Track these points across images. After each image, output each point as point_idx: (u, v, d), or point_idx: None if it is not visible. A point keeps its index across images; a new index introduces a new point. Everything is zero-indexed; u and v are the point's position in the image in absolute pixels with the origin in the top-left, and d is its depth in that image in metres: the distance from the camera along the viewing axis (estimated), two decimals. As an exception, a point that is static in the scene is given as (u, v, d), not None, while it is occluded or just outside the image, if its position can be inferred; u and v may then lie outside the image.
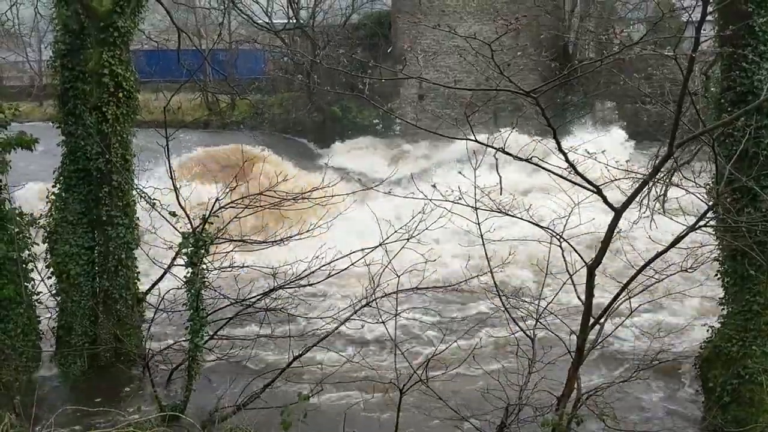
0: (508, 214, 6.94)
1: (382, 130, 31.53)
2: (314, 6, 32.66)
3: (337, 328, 8.62)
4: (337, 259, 8.75)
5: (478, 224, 7.03)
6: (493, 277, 7.27)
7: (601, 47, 29.61)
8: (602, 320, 7.06)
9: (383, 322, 7.40)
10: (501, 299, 7.27)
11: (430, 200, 7.18)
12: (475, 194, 6.93)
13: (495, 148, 5.39)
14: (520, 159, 5.52)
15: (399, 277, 8.04)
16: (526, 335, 7.29)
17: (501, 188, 6.22)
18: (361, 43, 30.34)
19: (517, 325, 7.25)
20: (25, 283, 9.49)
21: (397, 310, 7.80)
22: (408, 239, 8.40)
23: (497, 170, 5.99)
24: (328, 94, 30.47)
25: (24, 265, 9.50)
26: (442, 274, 10.68)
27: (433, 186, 6.68)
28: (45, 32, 36.24)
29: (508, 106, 28.99)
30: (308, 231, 9.29)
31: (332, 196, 9.76)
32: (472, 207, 7.01)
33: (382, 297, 8.03)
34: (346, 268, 8.57)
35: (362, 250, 8.68)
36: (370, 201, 11.41)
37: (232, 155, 18.10)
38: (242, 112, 31.64)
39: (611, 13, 31.40)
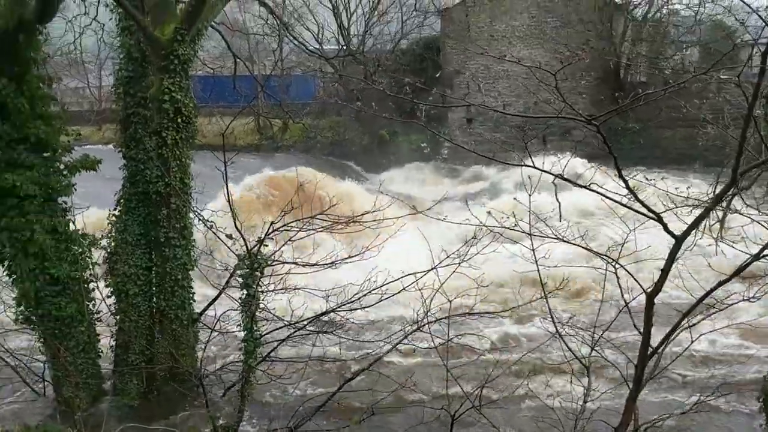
0: (563, 240, 6.88)
1: (430, 153, 31.65)
2: (364, 32, 33.18)
3: (388, 351, 8.63)
4: (388, 283, 8.78)
5: (533, 250, 6.97)
6: (547, 303, 7.18)
7: (653, 71, 29.28)
8: (661, 350, 6.89)
9: (435, 347, 7.38)
10: (555, 326, 7.16)
11: (483, 225, 7.17)
12: (530, 219, 6.90)
13: (554, 174, 5.36)
14: (579, 186, 5.47)
15: (451, 301, 8.02)
16: (581, 363, 7.16)
17: (561, 214, 6.15)
18: (410, 68, 30.59)
19: (572, 353, 7.13)
20: (87, 302, 9.80)
21: (449, 335, 7.78)
22: (459, 263, 8.39)
23: (556, 197, 5.94)
24: (377, 119, 30.79)
25: (86, 285, 9.79)
26: (494, 299, 10.59)
27: (488, 212, 6.66)
28: (105, 59, 37.69)
29: (558, 131, 28.77)
30: (359, 254, 9.35)
31: (383, 219, 9.84)
32: (526, 233, 6.97)
33: (434, 321, 8.02)
34: (398, 292, 8.59)
35: (413, 274, 8.70)
36: (421, 225, 11.43)
37: (286, 179, 18.42)
38: (293, 136, 32.19)
39: (664, 36, 30.98)
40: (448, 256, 8.28)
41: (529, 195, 7.07)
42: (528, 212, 6.90)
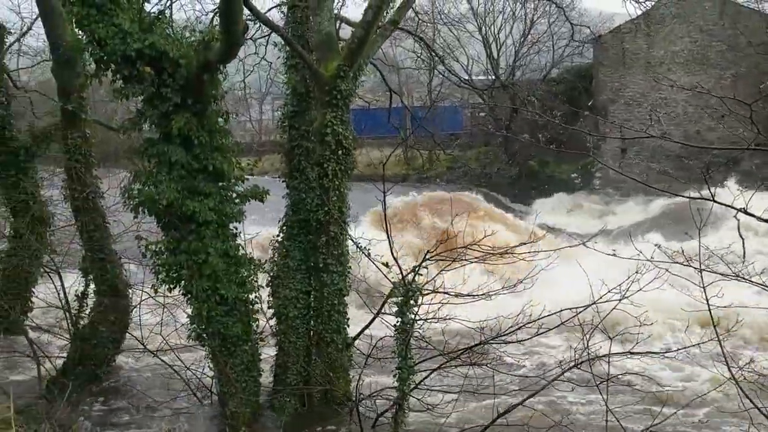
0: (739, 279, 6.40)
1: (580, 184, 30.74)
2: (514, 62, 33.06)
3: (544, 387, 8.39)
4: (545, 316, 8.58)
5: (703, 287, 6.54)
6: (721, 346, 6.69)
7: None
8: None
9: (597, 385, 7.09)
10: (730, 370, 6.65)
11: (649, 260, 6.84)
12: (700, 255, 6.49)
13: (735, 209, 5.02)
14: (766, 221, 5.08)
15: (611, 338, 7.70)
16: (762, 413, 6.57)
17: (744, 251, 5.71)
18: (561, 97, 30.01)
19: (750, 400, 6.57)
20: (251, 323, 10.40)
21: (608, 374, 7.45)
22: (620, 300, 8.05)
23: (739, 233, 5.54)
24: (525, 149, 30.42)
25: (251, 306, 10.40)
26: (659, 338, 10.03)
27: (657, 245, 6.36)
28: (266, 94, 40.31)
29: (723, 160, 26.89)
30: (514, 285, 9.23)
31: (538, 251, 9.66)
32: (696, 269, 6.56)
33: (594, 359, 7.73)
34: (555, 327, 8.37)
35: (570, 309, 8.45)
36: (577, 258, 11.09)
37: (441, 203, 18.57)
38: (439, 167, 32.51)
39: None
40: (609, 291, 7.96)
41: (699, 229, 6.68)
42: (698, 247, 6.51)
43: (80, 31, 9.65)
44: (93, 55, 9.24)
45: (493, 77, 32.73)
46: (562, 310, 8.36)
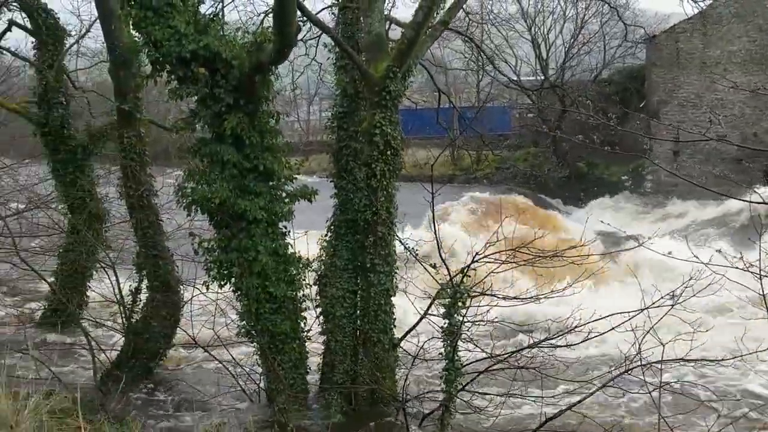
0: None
1: (631, 187, 30.16)
2: (563, 63, 32.64)
3: (593, 393, 8.26)
4: (594, 320, 8.44)
5: (763, 295, 6.35)
6: (780, 355, 6.49)
7: None
8: None
9: (650, 393, 6.94)
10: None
11: (706, 264, 6.68)
12: (760, 261, 6.30)
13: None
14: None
15: (664, 345, 7.52)
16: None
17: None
18: (612, 99, 29.47)
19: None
20: (299, 321, 10.51)
21: (661, 381, 7.28)
22: (673, 305, 7.87)
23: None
24: (574, 151, 29.98)
25: (299, 304, 10.52)
26: (714, 346, 9.76)
27: (718, 251, 6.19)
28: (314, 96, 40.68)
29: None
30: (563, 289, 9.10)
31: (588, 255, 9.52)
32: (755, 274, 6.37)
33: (646, 365, 7.56)
34: (606, 332, 8.22)
35: (622, 313, 8.29)
36: (628, 262, 10.90)
37: (491, 204, 18.44)
38: (487, 168, 32.28)
39: None
40: (662, 297, 7.79)
41: (759, 234, 6.48)
42: (759, 252, 6.32)
43: (137, 33, 9.93)
44: (149, 56, 9.49)
45: (542, 78, 32.35)
46: (613, 314, 8.21)
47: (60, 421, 7.92)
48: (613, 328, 8.13)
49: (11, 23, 15.69)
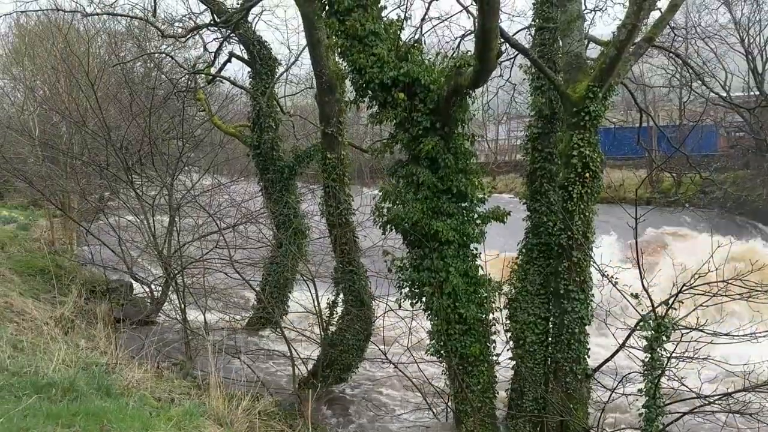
0: None
1: None
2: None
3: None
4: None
5: None
6: None
7: None
8: None
9: None
10: None
11: None
12: None
13: None
14: None
15: None
16: None
17: None
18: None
19: None
20: (488, 344, 10.42)
21: None
22: None
23: None
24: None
25: (489, 327, 10.44)
26: None
27: None
28: (503, 116, 40.47)
29: None
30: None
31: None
32: None
33: None
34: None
35: None
36: None
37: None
38: (690, 190, 29.96)
39: None
40: None
41: None
42: None
43: (342, 61, 10.53)
44: (354, 82, 10.02)
45: (758, 93, 29.46)
46: None
47: (265, 423, 8.55)
48: None
49: (231, 55, 17.38)
